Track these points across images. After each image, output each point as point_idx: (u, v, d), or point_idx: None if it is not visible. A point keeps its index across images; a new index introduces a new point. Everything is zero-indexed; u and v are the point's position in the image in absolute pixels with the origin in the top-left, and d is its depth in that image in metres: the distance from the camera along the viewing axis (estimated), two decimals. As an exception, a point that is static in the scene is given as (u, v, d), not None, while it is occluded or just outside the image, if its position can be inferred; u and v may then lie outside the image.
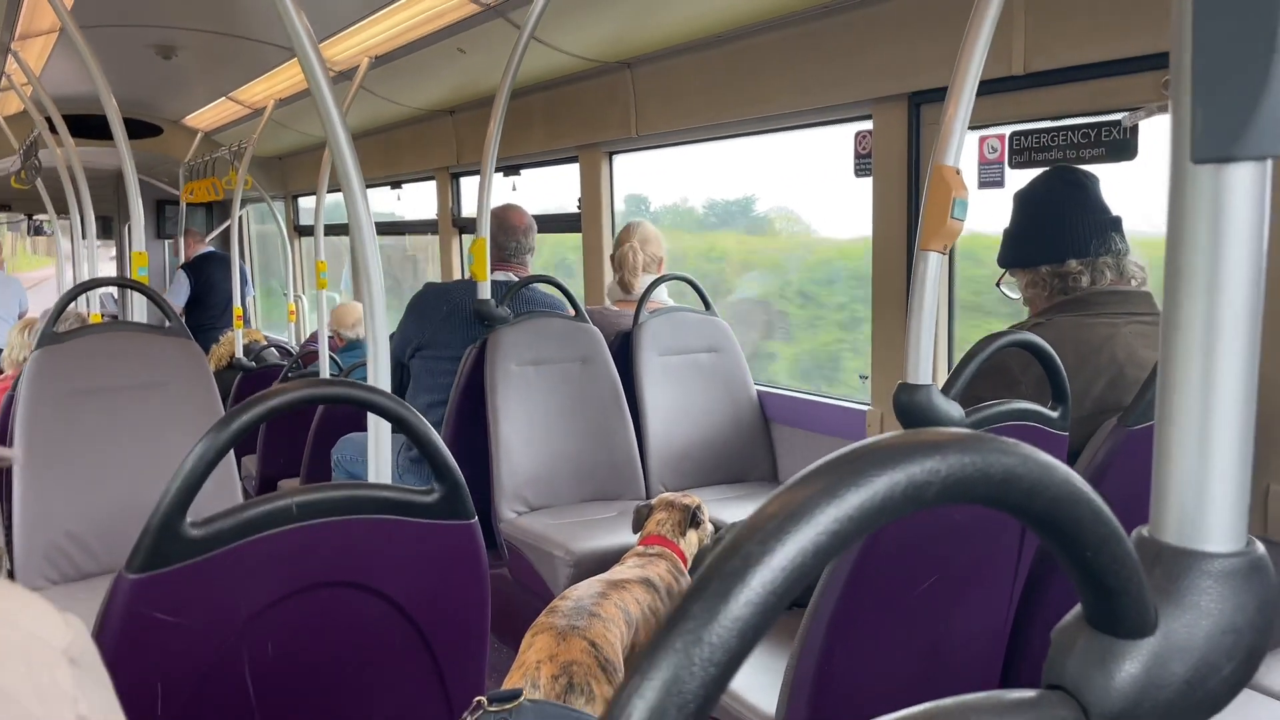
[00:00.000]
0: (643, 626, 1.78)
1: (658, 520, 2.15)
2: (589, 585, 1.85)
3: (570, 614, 1.66)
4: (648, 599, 1.83)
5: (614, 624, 1.67)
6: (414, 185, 5.67)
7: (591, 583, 1.86)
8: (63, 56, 4.43)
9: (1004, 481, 0.39)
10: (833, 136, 2.99)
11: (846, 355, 3.53)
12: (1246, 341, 0.48)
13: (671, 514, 2.15)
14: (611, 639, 1.62)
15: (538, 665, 1.53)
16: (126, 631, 1.04)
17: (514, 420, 2.89)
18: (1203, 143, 0.47)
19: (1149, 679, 0.44)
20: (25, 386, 2.33)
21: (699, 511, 2.19)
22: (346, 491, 1.19)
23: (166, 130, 6.79)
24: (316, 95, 1.71)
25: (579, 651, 1.54)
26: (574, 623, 1.62)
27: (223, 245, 7.71)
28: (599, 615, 1.66)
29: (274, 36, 4.13)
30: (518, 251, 3.30)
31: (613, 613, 1.70)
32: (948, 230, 1.49)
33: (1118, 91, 2.13)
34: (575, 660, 1.52)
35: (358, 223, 1.75)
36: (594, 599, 1.73)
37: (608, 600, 1.74)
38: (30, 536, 2.25)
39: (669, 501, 2.19)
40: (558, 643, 1.57)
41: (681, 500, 2.18)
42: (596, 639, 1.58)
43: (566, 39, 3.36)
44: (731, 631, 0.34)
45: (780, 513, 0.36)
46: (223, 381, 3.85)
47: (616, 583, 1.85)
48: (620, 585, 1.84)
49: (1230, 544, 0.48)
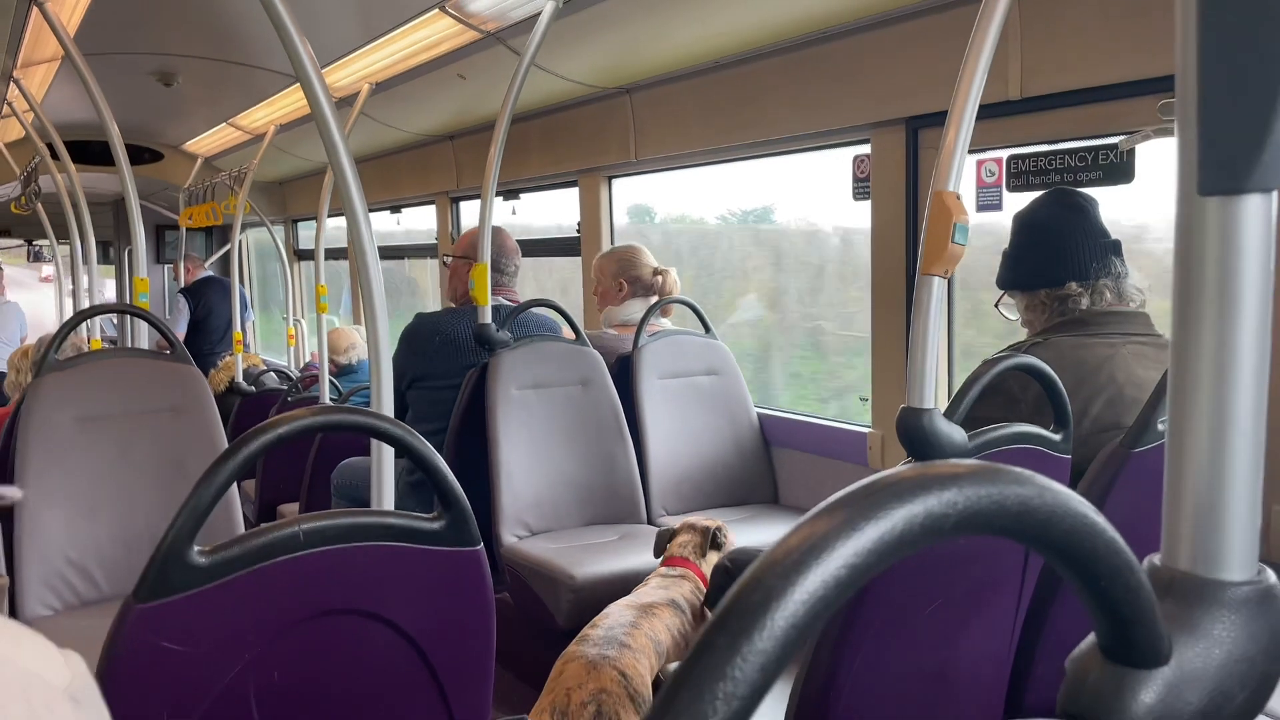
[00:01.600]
0: (673, 651, 1.79)
1: (680, 543, 2.16)
2: (620, 613, 1.85)
3: (601, 643, 1.67)
4: (676, 622, 1.84)
5: (644, 655, 1.67)
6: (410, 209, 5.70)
7: (622, 610, 1.86)
8: (64, 83, 4.46)
9: (1020, 513, 0.39)
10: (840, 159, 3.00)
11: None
12: (1256, 370, 0.48)
13: (693, 536, 2.17)
14: (641, 670, 1.63)
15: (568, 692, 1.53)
16: (134, 660, 1.04)
17: (515, 444, 2.89)
18: (1210, 175, 0.48)
19: (1164, 708, 0.44)
20: (26, 413, 2.32)
21: (719, 533, 2.20)
22: (353, 518, 1.19)
23: (167, 156, 6.82)
24: (319, 121, 1.72)
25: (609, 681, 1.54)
26: (605, 652, 1.63)
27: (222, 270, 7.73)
28: (630, 646, 1.66)
29: (275, 63, 4.15)
30: (512, 275, 3.31)
31: (643, 643, 1.70)
32: (949, 255, 1.50)
33: (1115, 115, 2.15)
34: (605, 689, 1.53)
35: (361, 247, 1.76)
36: (625, 629, 1.73)
37: (639, 631, 1.74)
38: (31, 563, 2.24)
39: (691, 524, 2.21)
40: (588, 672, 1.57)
41: (703, 523, 2.20)
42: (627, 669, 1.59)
43: (566, 65, 3.38)
44: (754, 666, 0.34)
45: (800, 546, 0.36)
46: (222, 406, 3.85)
47: (646, 608, 1.85)
48: (650, 611, 1.84)
49: (1242, 572, 0.49)
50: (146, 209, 7.32)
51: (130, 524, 2.32)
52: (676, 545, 2.16)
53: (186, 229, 7.06)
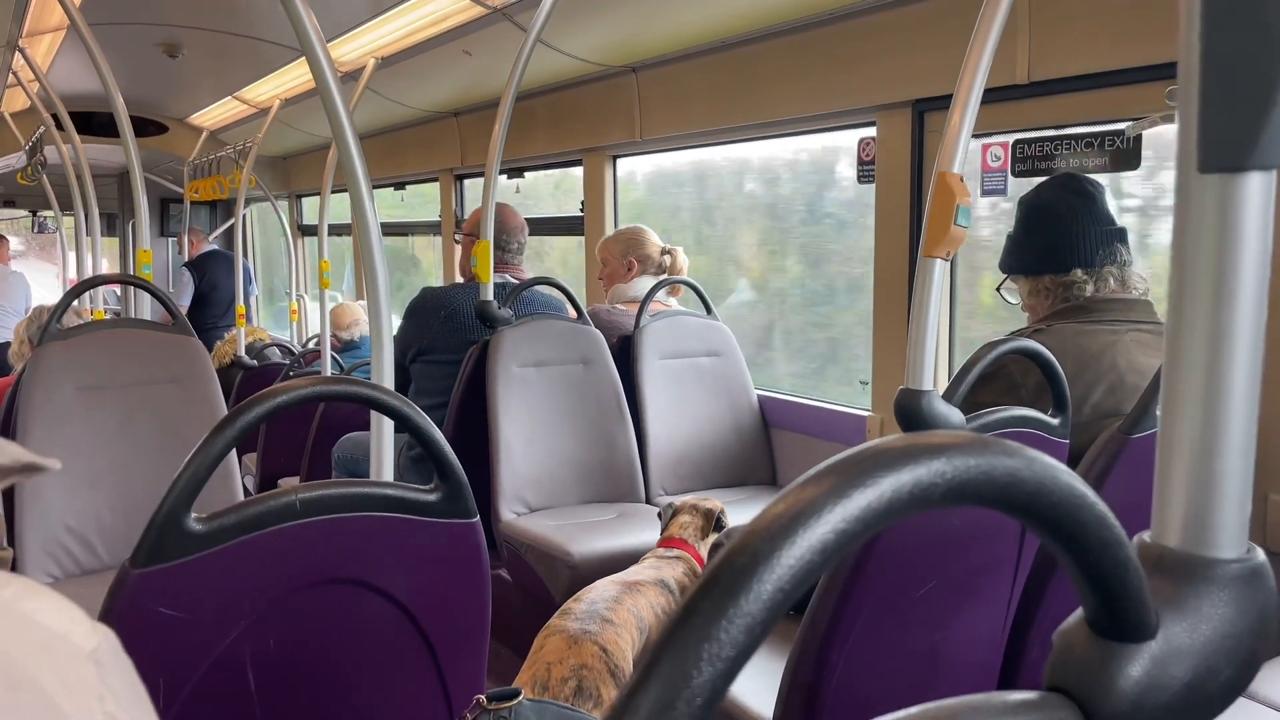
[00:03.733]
0: (655, 631, 1.77)
1: (680, 523, 2.14)
2: (604, 588, 1.83)
3: (583, 618, 1.65)
4: (662, 602, 1.82)
5: (626, 630, 1.66)
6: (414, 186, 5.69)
7: (607, 585, 1.85)
8: (70, 54, 4.45)
9: (1008, 484, 0.39)
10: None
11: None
12: (1251, 347, 0.48)
13: (694, 518, 2.14)
14: (623, 645, 1.62)
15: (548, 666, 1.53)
16: (130, 625, 1.04)
17: (515, 421, 2.89)
18: (1210, 153, 0.47)
19: (1149, 682, 0.44)
20: (28, 382, 2.33)
21: (723, 516, 2.18)
22: (349, 488, 1.19)
23: (172, 128, 6.80)
24: (324, 96, 1.71)
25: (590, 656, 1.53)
26: (586, 627, 1.62)
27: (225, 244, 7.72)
28: (612, 621, 1.65)
29: (281, 36, 4.14)
30: (516, 251, 3.30)
31: (626, 619, 1.69)
32: (951, 237, 1.50)
33: (1121, 101, 2.13)
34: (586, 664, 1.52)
35: (364, 223, 1.75)
36: (608, 604, 1.72)
37: (621, 606, 1.73)
38: (32, 532, 2.25)
39: (694, 505, 2.19)
40: (569, 646, 1.56)
41: (705, 504, 2.18)
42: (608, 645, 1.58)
43: (572, 42, 3.37)
44: (740, 628, 0.34)
45: (788, 512, 0.36)
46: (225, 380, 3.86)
47: (631, 585, 1.83)
48: (635, 589, 1.82)
49: (1232, 550, 0.49)
50: (151, 182, 7.32)
51: (130, 494, 2.33)
52: (676, 525, 2.15)
53: (191, 203, 7.06)
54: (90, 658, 0.47)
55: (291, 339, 6.25)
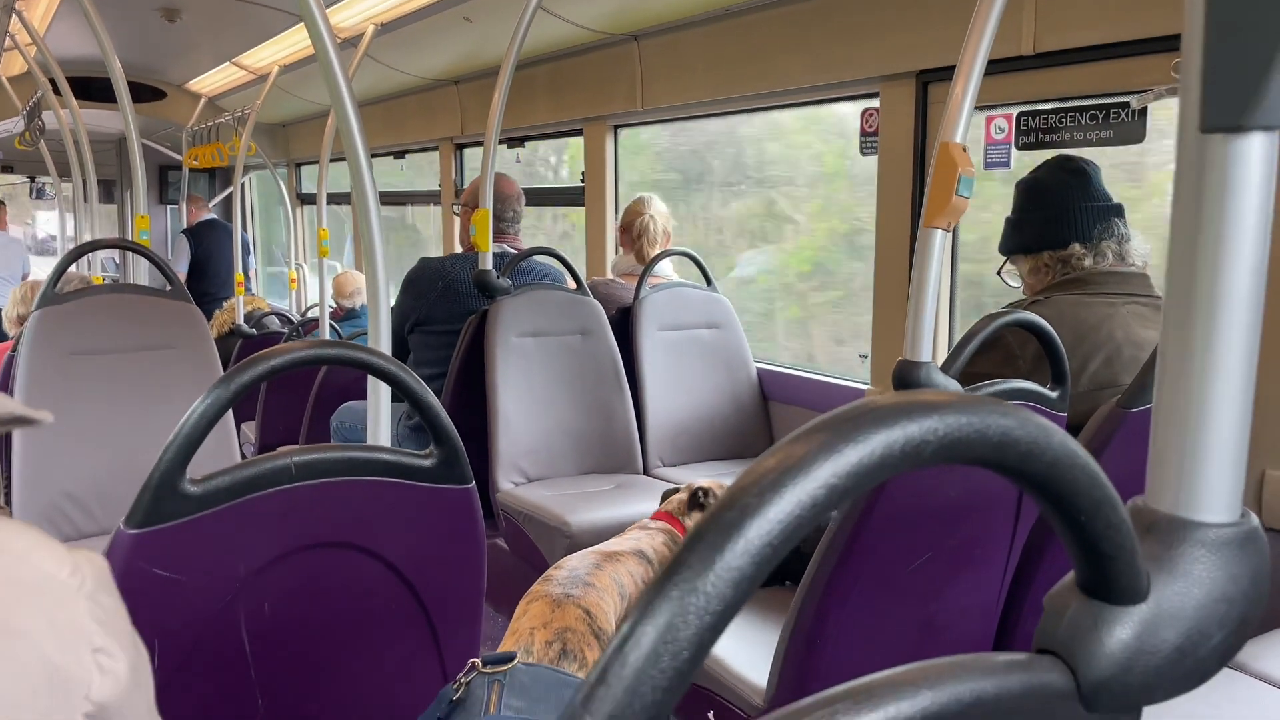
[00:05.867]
0: (635, 597, 1.78)
1: (672, 501, 2.16)
2: (583, 556, 1.85)
3: (565, 582, 1.66)
4: (640, 570, 1.83)
5: (608, 594, 1.67)
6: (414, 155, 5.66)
7: (586, 554, 1.87)
8: (67, 17, 4.41)
9: (1001, 443, 0.39)
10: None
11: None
12: (1250, 310, 0.48)
13: (685, 495, 2.16)
14: (606, 608, 1.62)
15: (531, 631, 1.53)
16: (124, 586, 1.03)
17: (513, 391, 2.89)
18: (1213, 112, 0.47)
19: (1140, 645, 0.44)
20: (26, 346, 2.33)
21: (701, 494, 2.19)
22: (345, 453, 1.19)
23: (170, 95, 6.76)
24: (323, 62, 1.70)
25: (573, 619, 1.54)
26: (569, 591, 1.63)
27: (224, 213, 7.70)
28: (594, 585, 1.66)
29: (280, 1, 4.10)
30: (512, 221, 3.28)
31: (607, 583, 1.70)
32: (952, 207, 1.49)
33: (1128, 73, 2.12)
34: (569, 627, 1.52)
35: (362, 192, 1.74)
36: (589, 569, 1.73)
37: (602, 571, 1.74)
38: (29, 496, 2.26)
39: (690, 485, 2.21)
40: (552, 610, 1.57)
41: (698, 484, 2.19)
42: (591, 608, 1.58)
43: (574, 9, 3.34)
44: (726, 581, 0.34)
45: (778, 466, 0.36)
46: (224, 348, 3.86)
47: (610, 554, 1.85)
48: (614, 557, 1.84)
49: (1225, 514, 0.48)
50: (150, 150, 7.27)
51: (126, 458, 2.33)
52: (669, 502, 2.16)
53: (190, 170, 7.02)
54: (79, 591, 0.48)
55: (290, 308, 6.24)
